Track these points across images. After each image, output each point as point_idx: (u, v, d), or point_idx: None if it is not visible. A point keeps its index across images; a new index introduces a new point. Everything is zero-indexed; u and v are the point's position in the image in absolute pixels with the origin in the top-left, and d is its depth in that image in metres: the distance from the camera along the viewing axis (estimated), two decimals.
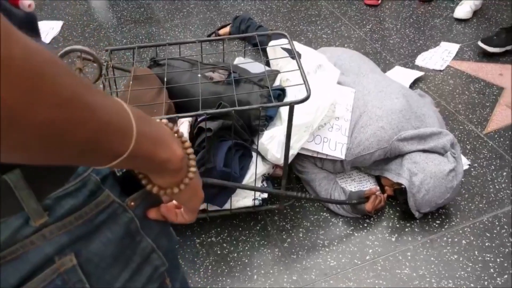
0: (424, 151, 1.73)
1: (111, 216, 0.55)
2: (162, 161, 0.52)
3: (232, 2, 3.16)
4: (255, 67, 1.79)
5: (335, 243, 1.74)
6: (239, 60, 1.95)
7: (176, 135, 0.56)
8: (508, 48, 2.54)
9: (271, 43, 1.84)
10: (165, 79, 1.62)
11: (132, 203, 0.58)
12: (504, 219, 1.78)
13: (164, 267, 0.64)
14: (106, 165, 0.46)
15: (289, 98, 1.70)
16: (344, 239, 1.75)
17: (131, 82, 1.62)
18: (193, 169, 0.56)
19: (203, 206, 1.72)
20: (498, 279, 1.60)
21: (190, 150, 0.57)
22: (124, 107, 0.46)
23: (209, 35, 2.82)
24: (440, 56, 2.57)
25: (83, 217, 0.52)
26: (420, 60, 2.55)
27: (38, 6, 3.19)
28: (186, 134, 1.58)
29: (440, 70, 2.49)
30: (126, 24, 3.00)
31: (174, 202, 0.65)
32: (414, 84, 2.40)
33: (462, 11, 2.82)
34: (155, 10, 3.13)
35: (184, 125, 1.60)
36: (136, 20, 3.03)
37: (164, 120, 0.57)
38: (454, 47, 2.63)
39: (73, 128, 0.39)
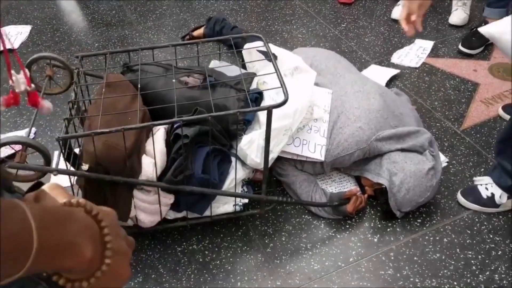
0: (403, 150, 1.73)
1: None
2: (64, 269, 0.49)
3: (206, 2, 3.11)
4: (231, 70, 1.76)
5: (318, 246, 1.72)
6: (214, 63, 1.92)
7: (98, 225, 0.53)
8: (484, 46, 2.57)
9: (247, 45, 1.81)
10: (139, 85, 1.58)
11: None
12: (484, 216, 1.80)
13: None
14: None
15: (266, 101, 1.67)
16: (327, 242, 1.73)
17: (103, 90, 1.57)
18: (108, 260, 0.52)
19: (183, 213, 1.68)
20: (480, 276, 1.61)
21: (108, 238, 0.53)
22: (25, 223, 0.44)
23: (183, 37, 2.77)
24: (415, 53, 2.59)
25: None
26: (396, 57, 2.56)
27: (5, 9, 3.09)
28: (162, 141, 1.54)
29: (416, 68, 2.50)
30: (97, 27, 2.92)
31: None
32: (390, 82, 2.40)
33: (400, 11, 2.83)
34: (127, 13, 3.06)
35: (160, 132, 1.56)
36: (108, 23, 2.96)
37: (87, 205, 0.53)
38: (428, 44, 2.65)
39: None
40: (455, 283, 1.59)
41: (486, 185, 1.81)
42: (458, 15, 2.78)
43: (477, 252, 1.68)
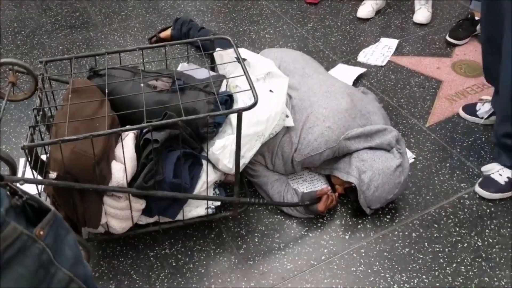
0: (371, 148, 1.77)
1: (21, 250, 0.51)
2: None
3: (172, 3, 3.09)
4: (200, 73, 1.76)
5: (291, 246, 1.74)
6: (182, 66, 1.91)
7: None
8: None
9: (218, 49, 1.81)
10: (106, 90, 1.56)
11: (41, 232, 0.55)
12: (450, 209, 1.85)
13: None
14: None
15: (239, 105, 1.67)
16: (299, 241, 1.75)
17: (70, 95, 1.54)
18: None
19: (155, 218, 1.67)
20: (447, 268, 1.66)
21: None
22: None
23: (149, 39, 2.75)
24: (380, 51, 2.64)
25: None
26: (362, 56, 2.60)
27: None
28: (131, 147, 1.53)
29: (381, 66, 2.55)
30: (61, 30, 2.86)
31: None
32: (357, 81, 2.44)
33: (364, 10, 2.90)
34: (91, 14, 3.01)
35: (129, 137, 1.55)
36: (72, 25, 2.91)
37: None
38: (393, 42, 2.70)
39: None
40: (423, 276, 1.64)
41: (499, 172, 1.87)
42: (422, 14, 2.85)
43: (444, 246, 1.73)
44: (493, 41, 1.86)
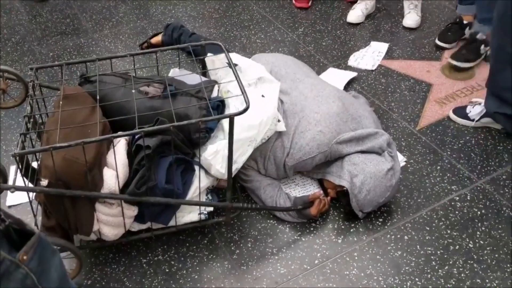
0: (363, 152, 1.78)
1: (4, 275, 0.50)
2: None
3: (163, 9, 3.09)
4: (192, 79, 1.76)
5: (284, 250, 1.74)
6: (174, 72, 1.91)
7: None
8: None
9: (209, 55, 1.81)
10: (98, 97, 1.56)
11: (25, 257, 0.53)
12: (441, 212, 1.87)
13: None
14: None
15: (231, 110, 1.68)
16: (292, 245, 1.76)
17: (61, 102, 1.53)
18: None
19: (147, 225, 1.67)
20: (439, 271, 1.67)
21: None
22: None
23: (140, 45, 2.74)
24: (371, 56, 2.65)
25: None
26: (352, 60, 2.62)
27: None
28: (123, 153, 1.53)
29: (372, 70, 2.56)
30: (51, 36, 2.85)
31: None
32: (348, 85, 2.45)
33: (354, 15, 2.92)
34: (82, 21, 3.00)
35: (121, 144, 1.54)
36: (63, 31, 2.90)
37: None
38: (383, 47, 2.72)
39: None
40: (416, 279, 1.65)
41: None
42: (411, 18, 2.87)
43: (436, 248, 1.74)
44: (503, 49, 1.93)
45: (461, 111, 2.25)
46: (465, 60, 2.53)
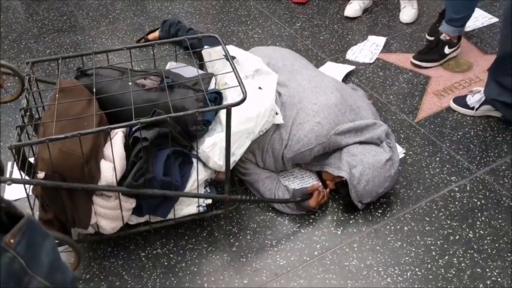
0: (361, 143, 1.77)
1: None
2: None
3: (160, 6, 3.08)
4: (188, 71, 1.75)
5: (283, 242, 1.73)
6: (171, 65, 1.90)
7: None
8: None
9: (206, 48, 1.80)
10: (94, 90, 1.55)
11: (12, 240, 0.52)
12: (441, 203, 1.86)
13: None
14: None
15: (228, 102, 1.67)
16: (292, 237, 1.75)
17: (57, 95, 1.53)
18: None
19: (145, 218, 1.66)
20: (440, 261, 1.66)
21: None
22: None
23: (138, 41, 2.74)
24: (368, 49, 2.65)
25: None
26: (350, 54, 2.61)
27: None
28: (121, 145, 1.52)
29: (370, 63, 2.56)
30: (48, 34, 2.84)
31: None
32: (346, 78, 2.45)
33: (352, 9, 2.91)
34: (78, 18, 2.99)
35: (118, 136, 1.54)
36: (59, 29, 2.89)
37: None
38: (381, 40, 2.71)
39: None
40: (416, 269, 1.64)
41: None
42: (407, 13, 2.87)
43: (436, 238, 1.73)
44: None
45: (461, 100, 2.24)
46: (428, 61, 2.52)
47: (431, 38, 2.65)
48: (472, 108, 2.20)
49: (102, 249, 1.71)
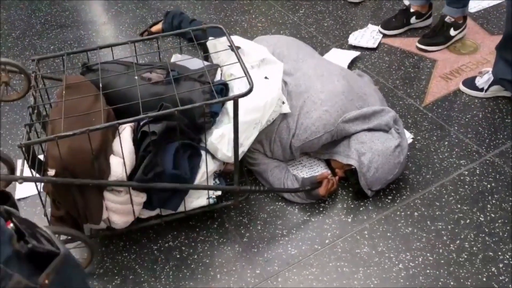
0: (369, 130, 1.76)
1: None
2: None
3: None
4: (194, 63, 1.75)
5: (294, 231, 1.74)
6: (176, 58, 1.90)
7: None
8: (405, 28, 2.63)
9: (211, 39, 1.79)
10: (101, 85, 1.55)
11: (46, 281, 0.52)
12: (450, 187, 1.85)
13: None
14: None
15: (235, 93, 1.66)
16: (302, 226, 1.75)
17: (64, 92, 1.53)
18: None
19: (156, 211, 1.67)
20: (451, 245, 1.66)
21: None
22: None
23: (141, 34, 2.73)
24: (370, 34, 2.62)
25: None
26: (352, 39, 2.59)
27: None
28: (129, 140, 1.52)
29: (374, 48, 2.53)
30: (51, 30, 2.84)
31: None
32: (352, 64, 2.43)
33: None
34: (81, 13, 2.98)
35: (126, 131, 1.54)
36: (62, 24, 2.88)
37: None
38: (377, 28, 2.68)
39: None
40: (428, 254, 1.64)
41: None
42: None
43: (446, 223, 1.73)
44: None
45: (470, 83, 2.23)
46: (434, 44, 2.50)
47: (383, 31, 2.62)
48: (482, 90, 2.18)
49: (114, 244, 1.72)
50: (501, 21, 2.65)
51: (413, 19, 2.56)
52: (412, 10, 2.59)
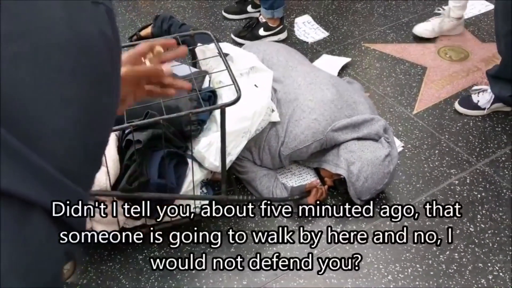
0: (359, 139, 1.74)
1: None
2: None
3: (151, 1, 3.03)
4: (181, 70, 1.72)
5: (282, 241, 1.71)
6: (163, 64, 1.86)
7: None
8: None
9: (199, 45, 1.77)
10: None
11: None
12: (441, 196, 1.84)
13: None
14: None
15: (223, 101, 1.64)
16: (291, 236, 1.73)
17: None
18: None
19: (141, 221, 1.64)
20: (441, 256, 1.64)
21: None
22: None
23: (130, 37, 2.69)
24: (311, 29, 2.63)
25: None
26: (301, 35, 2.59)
27: None
28: (114, 149, 1.49)
29: (365, 55, 2.52)
30: None
31: None
32: (342, 71, 2.41)
33: None
34: None
35: (110, 139, 1.50)
36: None
37: None
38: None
39: None
40: (417, 265, 1.62)
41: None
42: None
43: (436, 233, 1.71)
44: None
45: (467, 102, 2.17)
46: (242, 37, 2.60)
47: (226, 15, 2.80)
48: (484, 109, 2.14)
49: (98, 253, 1.69)
50: (492, 28, 2.64)
51: (249, 8, 2.74)
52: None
